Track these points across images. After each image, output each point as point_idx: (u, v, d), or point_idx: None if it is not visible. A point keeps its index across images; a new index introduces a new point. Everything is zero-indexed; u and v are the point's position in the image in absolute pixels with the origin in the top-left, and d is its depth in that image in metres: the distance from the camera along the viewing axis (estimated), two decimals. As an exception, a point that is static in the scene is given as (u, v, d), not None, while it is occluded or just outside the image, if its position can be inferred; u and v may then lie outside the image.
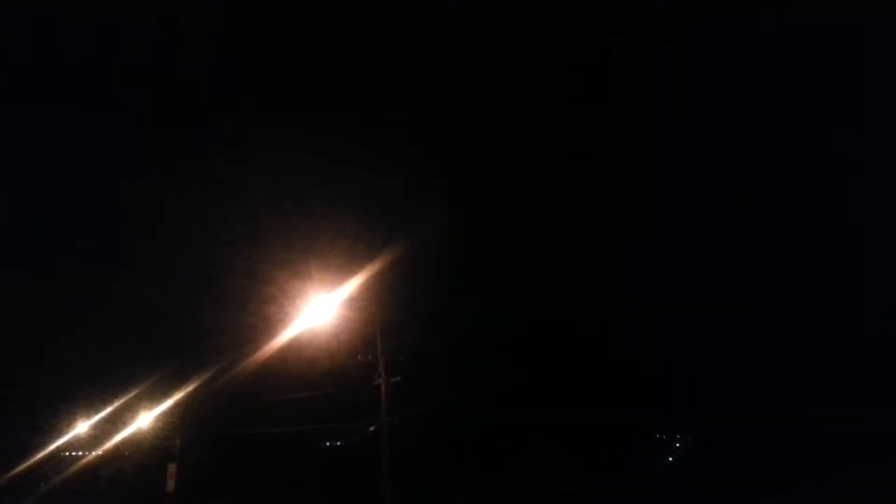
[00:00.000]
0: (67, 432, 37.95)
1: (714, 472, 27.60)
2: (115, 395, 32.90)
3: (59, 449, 41.20)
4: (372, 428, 25.74)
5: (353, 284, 23.17)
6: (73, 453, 46.78)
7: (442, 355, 29.59)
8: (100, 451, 44.02)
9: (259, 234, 27.79)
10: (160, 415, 30.06)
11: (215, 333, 29.38)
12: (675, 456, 32.27)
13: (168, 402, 29.29)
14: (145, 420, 31.28)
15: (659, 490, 28.40)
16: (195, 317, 31.32)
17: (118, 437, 35.88)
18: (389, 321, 25.41)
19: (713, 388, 29.46)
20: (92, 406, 35.82)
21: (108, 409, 33.76)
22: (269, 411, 30.52)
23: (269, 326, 25.54)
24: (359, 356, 25.20)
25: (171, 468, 20.39)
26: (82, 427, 37.26)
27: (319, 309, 23.70)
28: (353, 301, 23.56)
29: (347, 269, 23.63)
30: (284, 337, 24.86)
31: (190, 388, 28.71)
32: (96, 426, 36.56)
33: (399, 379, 24.91)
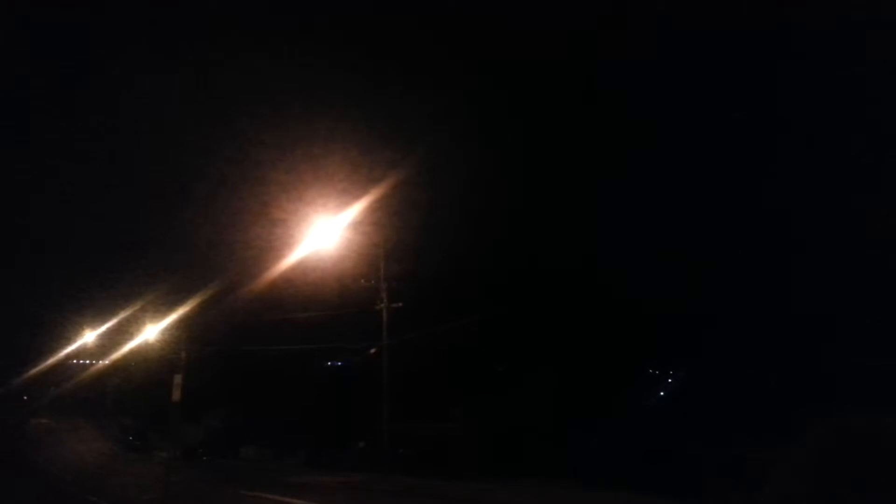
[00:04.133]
0: (75, 340, 38.83)
1: (704, 409, 28.26)
2: (122, 307, 33.39)
3: (67, 357, 42.30)
4: (373, 350, 26.31)
5: (358, 209, 23.11)
6: (82, 361, 48.15)
7: (445, 284, 29.85)
8: (107, 361, 45.27)
9: (265, 155, 27.32)
10: (166, 328, 30.60)
11: (221, 254, 29.58)
12: (667, 391, 33.02)
13: (173, 317, 29.77)
14: (151, 333, 31.83)
15: (650, 422, 29.17)
16: (203, 235, 31.38)
17: (125, 348, 36.74)
18: (394, 247, 25.56)
19: (708, 328, 29.69)
20: (98, 316, 36.45)
21: (115, 321, 34.36)
22: (275, 330, 31.14)
23: (274, 248, 25.62)
24: (362, 281, 25.47)
25: (178, 379, 20.81)
26: (90, 336, 38.10)
27: (324, 232, 23.69)
28: (359, 226, 23.55)
29: (354, 194, 23.50)
30: (290, 259, 24.95)
31: (195, 303, 29.15)
32: (104, 336, 37.34)
33: (401, 304, 25.31)
